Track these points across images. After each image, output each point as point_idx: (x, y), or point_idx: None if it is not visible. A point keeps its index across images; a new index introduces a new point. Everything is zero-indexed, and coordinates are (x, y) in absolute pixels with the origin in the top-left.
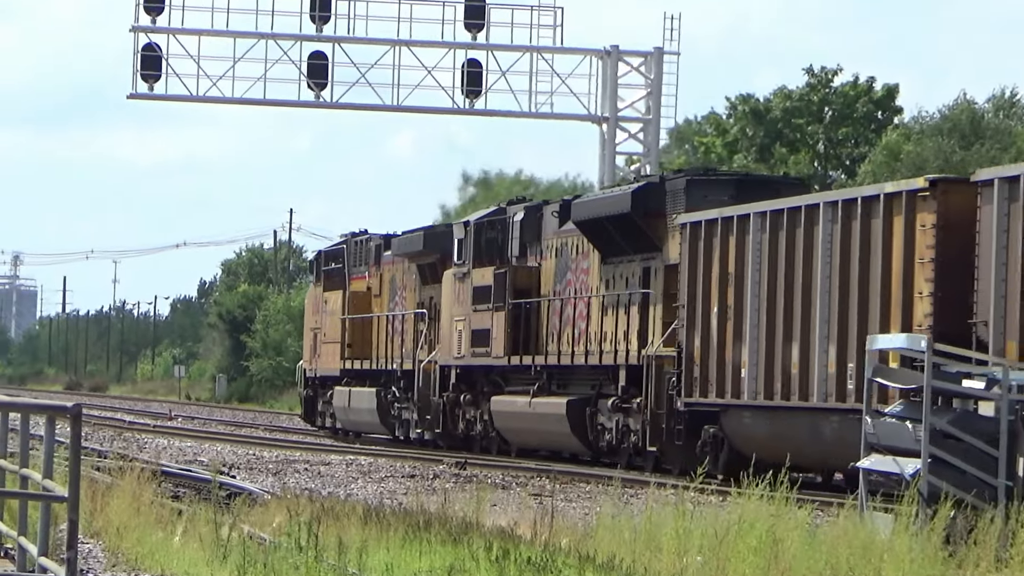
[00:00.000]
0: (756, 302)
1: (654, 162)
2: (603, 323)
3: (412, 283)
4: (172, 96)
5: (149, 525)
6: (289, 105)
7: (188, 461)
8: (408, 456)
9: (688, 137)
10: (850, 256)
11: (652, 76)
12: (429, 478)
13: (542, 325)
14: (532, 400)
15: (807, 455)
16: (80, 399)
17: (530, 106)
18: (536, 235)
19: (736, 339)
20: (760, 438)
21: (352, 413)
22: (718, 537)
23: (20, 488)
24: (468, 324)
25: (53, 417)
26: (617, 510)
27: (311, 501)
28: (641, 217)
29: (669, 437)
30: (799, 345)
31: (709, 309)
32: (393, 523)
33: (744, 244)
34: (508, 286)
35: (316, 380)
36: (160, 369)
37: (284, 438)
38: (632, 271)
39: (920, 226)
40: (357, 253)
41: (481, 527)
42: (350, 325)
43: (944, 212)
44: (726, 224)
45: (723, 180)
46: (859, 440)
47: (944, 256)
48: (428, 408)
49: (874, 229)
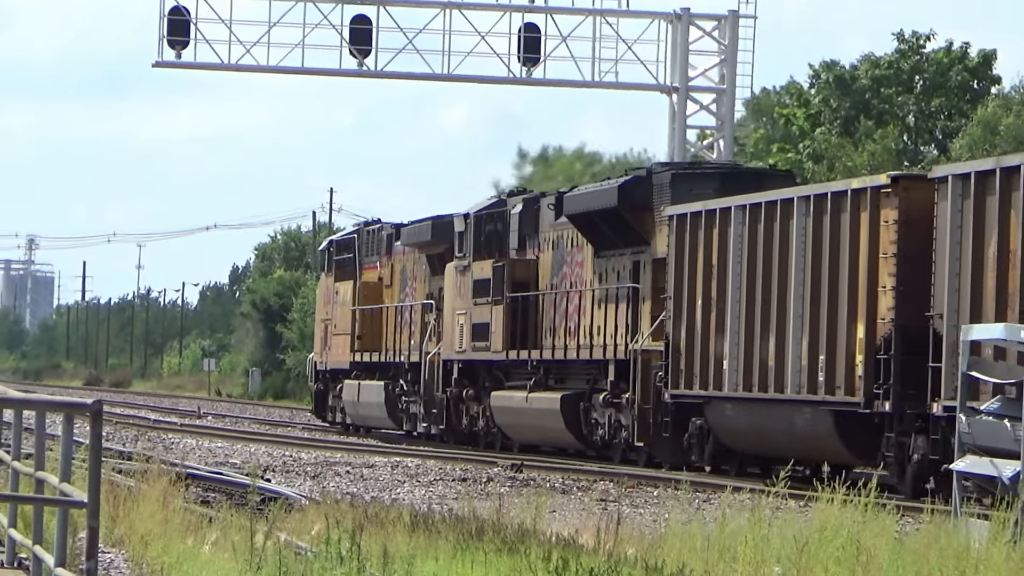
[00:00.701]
0: (737, 295)
1: (728, 136)
2: (596, 317)
3: (422, 273)
4: (201, 64)
5: (176, 533)
6: (329, 74)
7: (219, 463)
8: (459, 458)
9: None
10: (822, 250)
11: (726, 42)
12: (482, 482)
13: (540, 319)
14: (529, 395)
15: (783, 447)
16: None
17: (593, 75)
18: (534, 228)
19: (719, 331)
20: (741, 430)
21: (361, 407)
22: (798, 546)
23: (35, 492)
24: (469, 318)
25: (71, 415)
26: (688, 516)
27: (353, 507)
28: (628, 211)
29: (657, 431)
30: (775, 338)
31: (694, 302)
32: (443, 531)
33: (726, 237)
34: (506, 279)
35: (327, 374)
36: (188, 363)
37: (323, 438)
38: (623, 265)
39: (884, 222)
40: (369, 243)
41: (539, 535)
42: (360, 316)
43: (906, 208)
44: (709, 217)
45: (708, 173)
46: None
47: (906, 251)
48: (434, 402)
49: (843, 224)
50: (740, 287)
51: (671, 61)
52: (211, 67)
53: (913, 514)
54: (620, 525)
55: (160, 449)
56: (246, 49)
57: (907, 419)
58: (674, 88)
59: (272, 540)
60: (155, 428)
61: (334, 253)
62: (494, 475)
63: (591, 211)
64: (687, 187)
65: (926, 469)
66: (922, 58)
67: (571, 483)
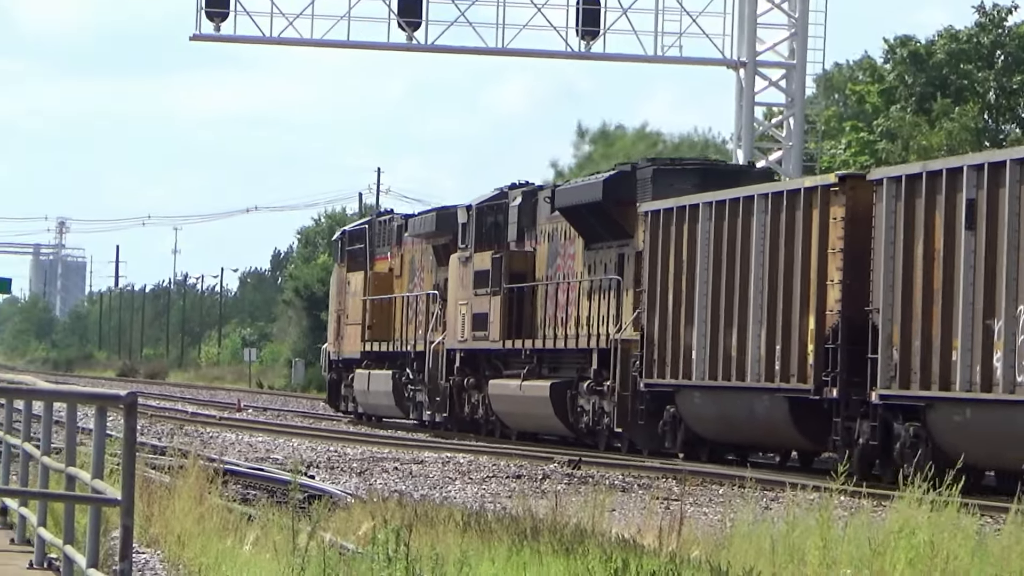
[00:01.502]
0: (705, 288)
1: (799, 114)
2: (585, 308)
3: (429, 264)
4: (242, 37)
5: (214, 532)
6: (377, 48)
7: (259, 459)
8: (513, 453)
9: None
10: (779, 245)
11: (796, 15)
12: (537, 479)
13: (535, 309)
14: (522, 384)
15: (745, 433)
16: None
17: (655, 49)
18: (532, 220)
19: (688, 323)
20: (709, 418)
21: (371, 396)
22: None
23: (66, 489)
24: (470, 308)
25: (104, 408)
26: (755, 516)
27: (401, 505)
28: (613, 205)
29: (634, 418)
30: (737, 329)
31: (667, 294)
32: (497, 531)
33: (695, 233)
34: (504, 270)
35: (340, 363)
36: (227, 353)
37: (370, 432)
38: (609, 257)
39: (832, 219)
40: (380, 233)
41: (598, 536)
42: (371, 306)
43: (852, 206)
44: (680, 213)
45: (688, 169)
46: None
47: (851, 247)
48: (438, 391)
49: (797, 221)
50: (707, 280)
51: (738, 34)
52: (252, 40)
53: (993, 513)
54: (683, 525)
55: (197, 444)
56: (289, 22)
57: (852, 405)
58: (741, 63)
59: (316, 540)
60: (192, 422)
61: (346, 244)
62: (550, 472)
63: (580, 205)
64: (668, 183)
65: (871, 452)
66: (1004, 32)
67: (631, 480)
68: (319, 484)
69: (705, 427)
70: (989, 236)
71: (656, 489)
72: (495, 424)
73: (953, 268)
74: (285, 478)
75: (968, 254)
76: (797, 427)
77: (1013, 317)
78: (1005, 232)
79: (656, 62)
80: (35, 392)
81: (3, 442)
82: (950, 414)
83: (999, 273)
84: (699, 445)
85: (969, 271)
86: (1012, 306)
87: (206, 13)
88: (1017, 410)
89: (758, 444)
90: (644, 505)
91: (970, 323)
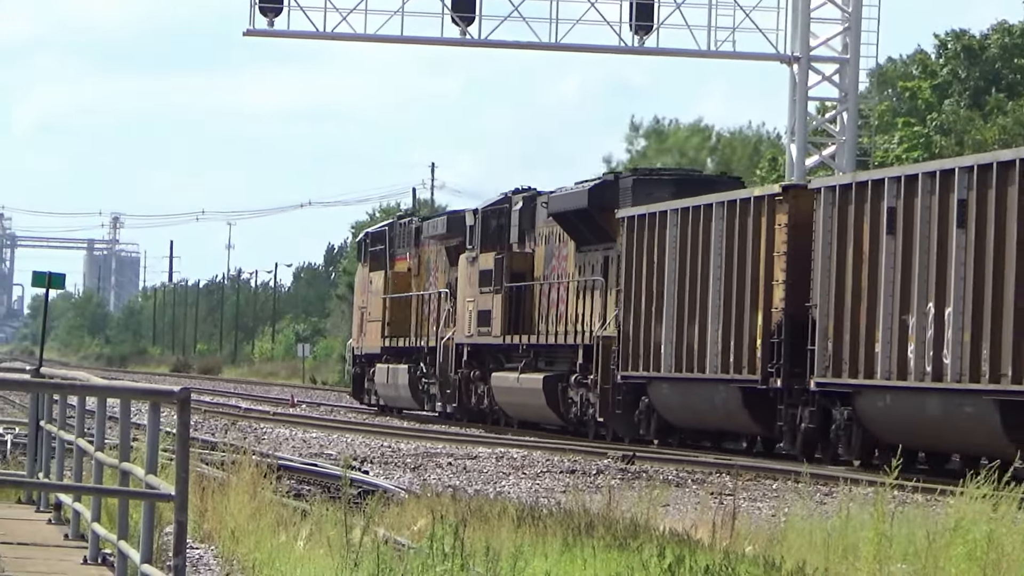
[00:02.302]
0: (672, 288)
1: (852, 109)
2: (575, 306)
3: (443, 264)
4: (295, 33)
5: (268, 527)
6: (431, 43)
7: (313, 454)
8: (567, 449)
9: (891, 80)
10: (733, 249)
11: (850, 9)
12: (591, 474)
13: (533, 307)
14: (520, 376)
15: (707, 421)
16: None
17: (709, 44)
18: (531, 224)
19: (658, 320)
20: (676, 407)
21: (390, 389)
22: (929, 541)
23: (120, 485)
24: (476, 305)
25: (158, 403)
26: (809, 511)
27: (455, 500)
28: (598, 212)
29: (613, 408)
30: (699, 325)
31: (640, 294)
32: (551, 526)
33: (664, 237)
34: (505, 270)
35: (363, 358)
36: (281, 348)
37: (424, 427)
38: (596, 259)
39: (778, 225)
40: (400, 235)
41: (652, 530)
42: (390, 304)
43: (794, 214)
44: (652, 219)
45: (665, 179)
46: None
47: (794, 250)
48: (448, 383)
49: (748, 227)
50: (675, 281)
51: (792, 29)
52: (305, 35)
53: None
54: (736, 520)
55: (251, 439)
56: (342, 16)
57: (795, 393)
58: (795, 58)
59: (370, 535)
60: (246, 417)
61: (369, 245)
62: (604, 467)
63: (569, 211)
64: (647, 191)
65: (813, 436)
66: None
67: (685, 475)
68: (372, 479)
69: (674, 415)
70: (905, 241)
71: (710, 484)
72: (499, 414)
73: (877, 269)
74: (338, 473)
75: (889, 256)
76: (750, 414)
77: (923, 313)
78: (918, 237)
79: (709, 57)
80: (89, 388)
81: (57, 438)
82: (874, 400)
83: (913, 274)
84: (671, 432)
85: (890, 272)
86: (923, 304)
87: (260, 8)
88: (927, 396)
89: (719, 430)
90: (698, 500)
91: (890, 318)
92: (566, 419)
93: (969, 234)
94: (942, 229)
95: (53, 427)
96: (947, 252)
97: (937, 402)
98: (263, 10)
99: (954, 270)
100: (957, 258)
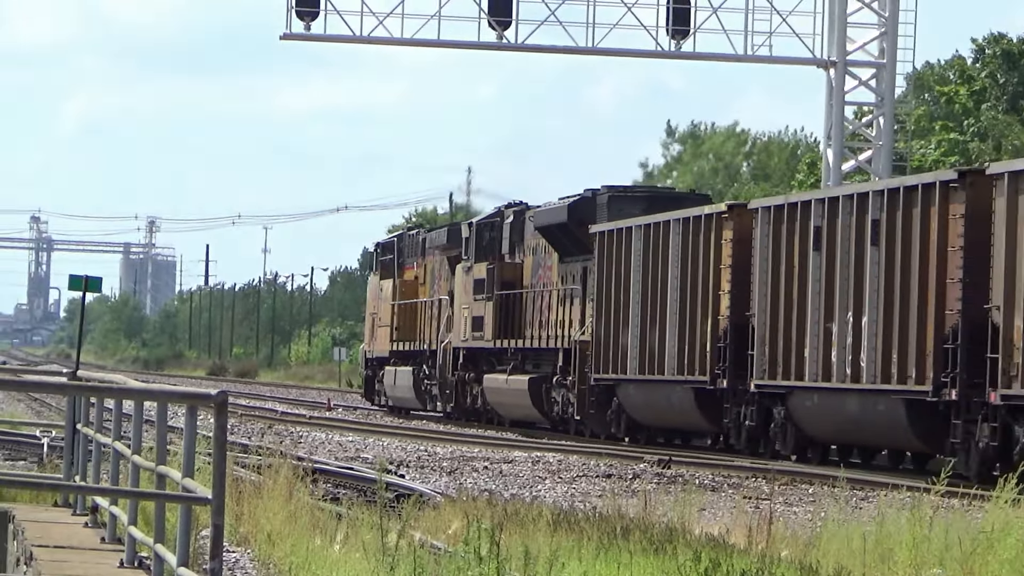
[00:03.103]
0: (638, 297)
1: (888, 113)
2: (556, 313)
3: (444, 273)
4: (332, 37)
5: (304, 531)
6: (467, 47)
7: (349, 458)
8: (603, 452)
9: (928, 85)
10: (687, 262)
11: (887, 13)
12: (627, 478)
13: (521, 313)
14: (508, 378)
15: (665, 419)
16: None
17: (745, 48)
18: (521, 236)
19: (625, 326)
20: (640, 406)
21: (397, 390)
22: (970, 546)
23: (156, 488)
24: (470, 312)
25: (194, 407)
26: (845, 515)
27: (491, 504)
28: (576, 226)
29: (588, 407)
30: (659, 331)
31: (610, 302)
32: (587, 530)
33: (631, 251)
34: (496, 279)
35: (374, 361)
36: (317, 352)
37: (460, 431)
38: (576, 270)
39: (723, 240)
40: (409, 245)
41: (688, 535)
42: (398, 310)
43: (738, 230)
44: (619, 234)
45: (637, 196)
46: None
47: (737, 264)
48: (446, 384)
49: (699, 242)
50: (639, 291)
51: (828, 34)
52: (342, 39)
53: None
54: (773, 524)
55: (288, 443)
56: (379, 20)
57: (739, 394)
58: (832, 62)
59: (406, 539)
60: (282, 421)
61: (380, 254)
62: (640, 471)
63: (552, 224)
64: (620, 207)
65: (755, 432)
66: None
67: (721, 480)
68: (408, 483)
69: (640, 414)
70: (829, 256)
71: (746, 488)
72: (492, 413)
73: (805, 282)
74: (374, 477)
75: (815, 270)
76: (702, 413)
77: (844, 322)
78: (839, 253)
79: (746, 61)
80: (126, 391)
81: (94, 441)
82: (804, 399)
83: (835, 286)
84: (639, 430)
85: (816, 284)
86: (844, 313)
87: (296, 12)
88: (847, 396)
89: (678, 428)
90: (734, 504)
91: (816, 326)
92: (549, 417)
93: (881, 251)
94: (859, 246)
95: (90, 430)
96: (863, 267)
97: (856, 401)
98: (300, 14)
99: (869, 283)
100: (871, 272)
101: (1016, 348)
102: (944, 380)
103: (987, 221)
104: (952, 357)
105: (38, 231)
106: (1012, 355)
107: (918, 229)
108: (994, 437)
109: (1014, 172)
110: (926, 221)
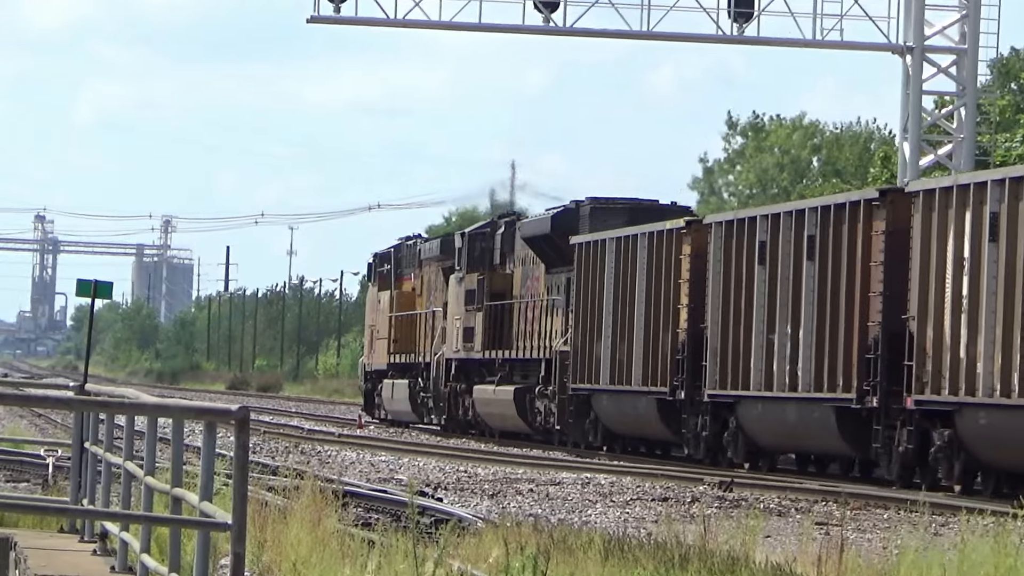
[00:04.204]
0: (610, 309)
1: (970, 103)
2: (540, 323)
3: (439, 284)
4: (363, 20)
5: (333, 559)
6: (511, 31)
7: (382, 479)
8: (659, 474)
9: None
10: (651, 275)
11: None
12: (685, 502)
13: (511, 324)
14: (495, 388)
15: (633, 428)
16: (246, 401)
17: (814, 33)
18: (511, 247)
19: (599, 338)
20: (613, 416)
21: (395, 403)
22: None
23: (171, 512)
24: (462, 322)
25: (213, 423)
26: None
27: (537, 530)
28: (560, 237)
29: (567, 417)
30: (627, 342)
31: (588, 313)
32: (641, 559)
33: (605, 263)
34: (487, 290)
35: (372, 374)
36: (347, 363)
37: (503, 451)
38: (560, 280)
39: (682, 255)
40: (406, 256)
41: (751, 563)
42: (395, 322)
43: (695, 245)
44: (597, 246)
45: (619, 207)
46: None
47: (695, 278)
48: (440, 395)
49: (662, 256)
50: (611, 302)
51: (904, 17)
52: (374, 23)
53: None
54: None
55: (314, 463)
56: (415, 2)
57: (696, 404)
58: (908, 48)
59: (443, 568)
60: (309, 439)
61: (377, 265)
62: (699, 494)
63: (536, 236)
64: (603, 219)
65: (711, 441)
66: None
67: (788, 504)
68: (446, 507)
69: (613, 424)
70: (772, 270)
71: (814, 513)
72: (483, 425)
73: (752, 295)
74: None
75: (760, 284)
76: (664, 423)
77: (784, 333)
78: (780, 267)
79: (815, 47)
80: (138, 406)
81: (103, 461)
82: (750, 409)
83: (776, 299)
84: (614, 440)
85: (761, 297)
86: (784, 325)
87: None
88: (786, 404)
89: (644, 437)
90: (801, 530)
91: (761, 337)
92: (533, 427)
93: (816, 265)
94: (797, 261)
95: (99, 449)
96: (801, 281)
97: (794, 409)
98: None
99: (805, 296)
100: (807, 286)
101: (928, 356)
102: (866, 388)
103: (906, 237)
104: (873, 366)
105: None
106: (925, 363)
107: (846, 245)
108: (911, 441)
109: (928, 191)
110: (853, 237)
